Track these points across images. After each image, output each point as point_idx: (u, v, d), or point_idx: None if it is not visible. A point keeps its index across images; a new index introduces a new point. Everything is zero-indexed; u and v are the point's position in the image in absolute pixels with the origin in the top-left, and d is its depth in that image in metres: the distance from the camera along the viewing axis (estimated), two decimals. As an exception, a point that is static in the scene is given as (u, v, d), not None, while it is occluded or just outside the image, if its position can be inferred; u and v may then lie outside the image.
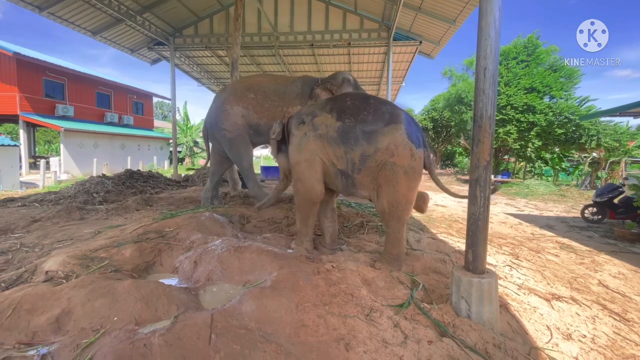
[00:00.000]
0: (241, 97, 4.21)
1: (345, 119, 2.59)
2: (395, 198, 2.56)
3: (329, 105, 2.78)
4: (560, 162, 13.90)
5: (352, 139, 2.54)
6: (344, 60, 10.84)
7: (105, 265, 2.44)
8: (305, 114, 2.89)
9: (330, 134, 2.63)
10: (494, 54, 1.94)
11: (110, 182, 6.81)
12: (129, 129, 18.66)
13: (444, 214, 6.60)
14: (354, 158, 2.56)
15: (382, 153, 2.49)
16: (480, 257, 2.06)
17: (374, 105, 2.63)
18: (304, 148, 2.76)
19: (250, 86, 4.29)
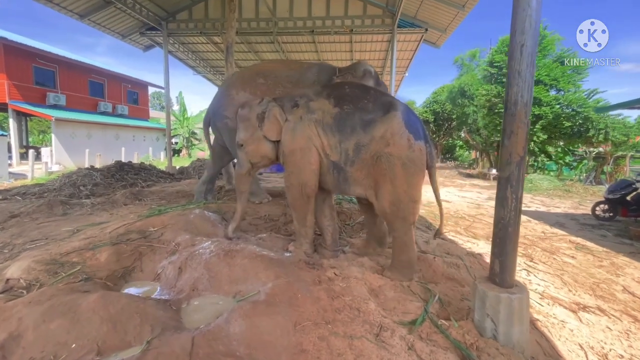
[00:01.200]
0: (249, 82, 3.84)
1: (344, 105, 2.41)
2: (396, 196, 2.31)
3: (326, 91, 2.57)
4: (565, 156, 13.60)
5: (348, 127, 2.37)
6: (345, 48, 10.41)
7: (76, 272, 2.14)
8: (298, 97, 2.61)
9: (326, 121, 2.41)
10: (534, 28, 1.61)
11: (99, 175, 6.46)
12: (124, 119, 18.20)
13: (448, 209, 6.33)
14: (347, 148, 2.37)
15: (377, 143, 2.29)
16: (509, 268, 1.76)
17: (374, 94, 2.50)
18: (298, 134, 2.46)
19: (260, 71, 3.93)
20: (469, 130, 16.75)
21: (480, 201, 7.70)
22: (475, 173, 15.71)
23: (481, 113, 13.95)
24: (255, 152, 2.68)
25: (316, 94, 2.58)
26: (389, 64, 10.71)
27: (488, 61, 13.29)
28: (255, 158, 2.71)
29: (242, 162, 2.76)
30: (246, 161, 2.74)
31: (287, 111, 2.57)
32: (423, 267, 2.72)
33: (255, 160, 2.74)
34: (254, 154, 2.69)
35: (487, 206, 7.00)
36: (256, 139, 2.64)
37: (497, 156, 14.94)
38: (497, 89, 12.19)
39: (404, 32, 8.50)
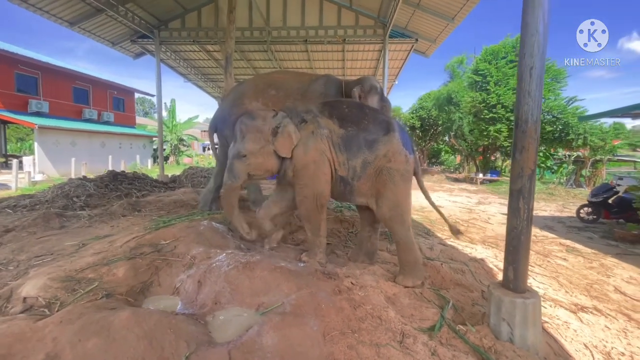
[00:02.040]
0: (262, 93, 3.87)
1: (348, 126, 2.61)
2: (395, 201, 2.58)
3: (326, 110, 2.70)
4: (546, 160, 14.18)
5: (355, 146, 2.58)
6: (337, 57, 10.59)
7: (95, 289, 2.12)
8: (303, 113, 2.67)
9: (334, 140, 2.60)
10: (542, 52, 1.75)
11: (92, 185, 6.31)
12: (110, 126, 17.77)
13: (442, 215, 6.51)
14: (355, 165, 2.58)
15: (380, 159, 2.57)
16: (522, 275, 1.88)
17: (371, 114, 2.73)
18: (312, 147, 2.55)
19: (272, 82, 3.97)
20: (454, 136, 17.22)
21: (471, 206, 7.93)
22: (462, 177, 16.13)
23: (467, 119, 14.40)
24: (260, 165, 2.63)
25: (320, 112, 2.67)
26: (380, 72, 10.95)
27: (473, 69, 13.77)
28: (257, 171, 2.66)
29: (238, 173, 2.61)
30: (244, 173, 2.62)
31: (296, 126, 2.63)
32: (432, 273, 2.83)
33: (257, 173, 2.68)
34: (258, 166, 2.63)
35: (479, 210, 7.23)
36: (265, 153, 2.60)
37: (481, 161, 15.41)
38: (481, 96, 12.64)
39: (395, 42, 8.73)
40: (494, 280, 2.86)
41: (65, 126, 14.31)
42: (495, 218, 6.40)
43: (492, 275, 3.10)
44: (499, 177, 13.45)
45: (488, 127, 12.52)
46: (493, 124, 12.43)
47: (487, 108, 12.47)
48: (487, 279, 2.91)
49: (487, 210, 7.37)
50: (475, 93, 13.09)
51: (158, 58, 9.17)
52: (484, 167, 15.06)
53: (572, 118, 11.36)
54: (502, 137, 12.24)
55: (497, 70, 12.54)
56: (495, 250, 4.11)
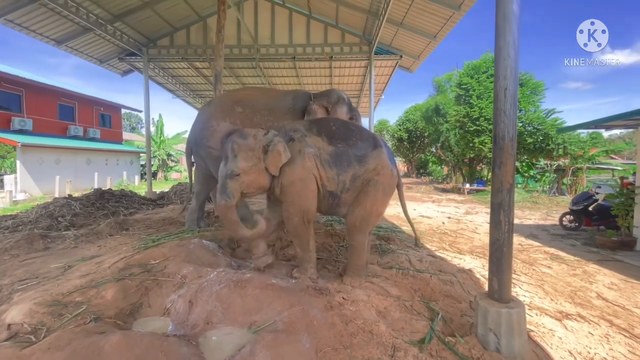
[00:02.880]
0: (228, 112, 3.87)
1: (337, 143, 2.69)
2: (369, 212, 2.71)
3: (314, 128, 2.79)
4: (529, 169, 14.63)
5: (344, 162, 2.66)
6: (325, 73, 10.85)
7: (83, 313, 2.09)
8: (291, 131, 2.74)
9: (324, 157, 2.67)
10: (514, 74, 1.88)
11: (78, 204, 6.19)
12: (96, 143, 17.49)
13: (431, 226, 6.61)
14: (345, 180, 2.66)
15: (370, 172, 2.68)
16: (506, 285, 1.95)
17: (358, 131, 2.84)
18: (299, 165, 2.61)
19: (238, 100, 3.96)
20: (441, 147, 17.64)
21: (458, 216, 8.08)
22: (449, 187, 16.43)
23: (453, 131, 14.80)
24: (253, 182, 2.66)
25: (307, 130, 2.75)
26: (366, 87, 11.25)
27: (457, 83, 14.27)
28: (250, 188, 2.69)
29: (232, 192, 2.60)
30: (238, 191, 2.64)
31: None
32: (421, 285, 2.88)
33: (250, 191, 2.71)
34: (251, 184, 2.66)
35: (466, 221, 7.37)
36: (257, 170, 2.64)
37: (468, 171, 15.77)
38: (465, 109, 13.08)
39: (380, 58, 9.02)
40: (481, 290, 2.93)
41: (49, 143, 14.03)
42: (482, 228, 6.53)
43: (479, 285, 3.17)
44: (485, 187, 13.76)
45: (473, 139, 12.89)
46: (477, 135, 12.82)
47: (471, 121, 12.88)
48: (475, 290, 2.97)
49: (475, 220, 7.52)
50: (460, 107, 13.53)
51: (146, 75, 9.21)
52: (471, 177, 15.40)
53: (552, 129, 11.83)
54: (487, 148, 12.62)
55: (479, 84, 13.03)
56: (482, 260, 4.19)
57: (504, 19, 1.86)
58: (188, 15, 9.01)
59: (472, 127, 12.81)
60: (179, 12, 8.71)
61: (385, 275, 3.03)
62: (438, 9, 6.61)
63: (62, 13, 7.04)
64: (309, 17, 9.02)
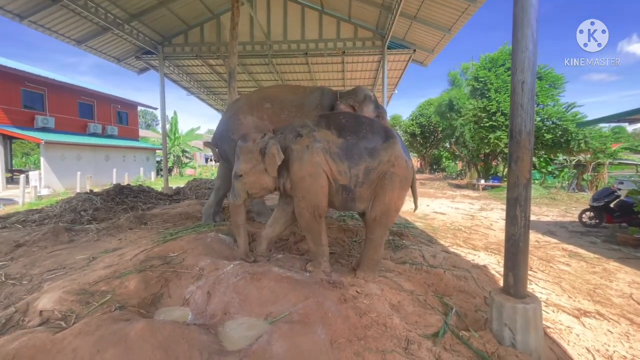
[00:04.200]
0: (256, 107, 3.97)
1: (347, 136, 2.68)
2: (388, 206, 2.70)
3: (323, 122, 2.79)
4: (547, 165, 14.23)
5: (355, 154, 2.64)
6: (337, 68, 10.81)
7: (108, 301, 2.20)
8: (299, 127, 2.79)
9: (333, 150, 2.66)
10: (532, 67, 1.85)
11: (99, 199, 6.42)
12: (114, 140, 18.03)
13: (445, 222, 6.55)
14: (357, 173, 2.64)
15: (384, 164, 2.65)
16: (522, 280, 1.94)
17: (368, 123, 2.82)
18: (307, 161, 2.64)
19: (266, 96, 4.07)
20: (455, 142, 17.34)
21: (473, 212, 7.97)
22: (464, 184, 16.16)
23: (468, 126, 14.52)
24: (255, 183, 2.80)
25: (316, 125, 2.77)
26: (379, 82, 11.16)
27: (473, 76, 13.95)
28: (254, 189, 2.83)
29: (238, 192, 2.82)
30: (243, 192, 2.83)
31: (291, 141, 2.73)
32: (435, 281, 2.88)
33: (254, 192, 2.85)
34: (254, 185, 2.81)
35: (481, 217, 7.26)
36: (258, 171, 2.76)
37: (483, 167, 15.47)
38: (482, 103, 12.78)
39: (393, 52, 8.92)
40: (496, 286, 2.91)
41: (70, 140, 14.55)
42: (497, 224, 6.43)
43: (494, 281, 3.14)
44: (500, 183, 13.48)
45: (488, 135, 12.61)
46: (493, 131, 12.53)
47: (488, 115, 12.59)
48: (490, 285, 2.95)
49: (490, 216, 7.41)
50: (477, 101, 13.24)
51: (162, 73, 9.40)
52: (486, 173, 15.10)
53: (571, 124, 11.45)
54: (502, 144, 12.33)
55: (497, 78, 12.70)
56: (497, 256, 4.15)
57: (522, 10, 1.83)
58: (202, 13, 9.13)
59: (488, 122, 12.52)
60: (193, 10, 8.84)
61: (398, 270, 3.05)
62: (453, 1, 6.48)
63: (82, 14, 7.25)
64: (322, 12, 8.98)
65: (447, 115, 16.66)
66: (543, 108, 12.13)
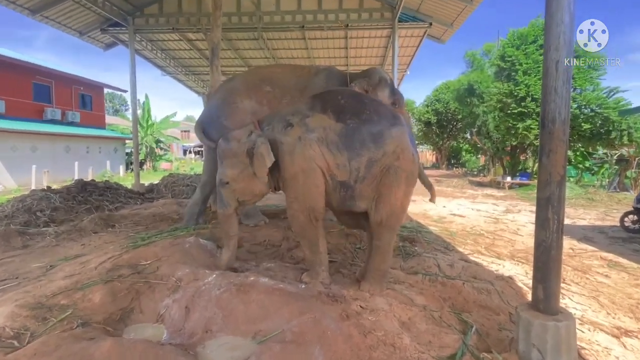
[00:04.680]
0: (255, 90, 3.97)
1: (347, 119, 2.62)
2: (394, 207, 2.69)
3: (319, 104, 2.75)
4: (584, 160, 14.28)
5: (357, 141, 2.58)
6: (339, 44, 10.78)
7: (69, 317, 2.20)
8: (289, 115, 2.77)
9: (331, 138, 2.61)
10: (568, 44, 1.85)
11: (58, 197, 6.41)
12: (75, 128, 17.97)
13: (464, 225, 6.58)
14: (359, 166, 2.60)
15: (389, 157, 2.60)
16: (553, 294, 1.95)
17: (372, 104, 2.80)
18: (299, 155, 2.62)
19: (265, 77, 4.07)
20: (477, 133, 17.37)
21: (497, 214, 8.00)
22: (487, 181, 16.21)
23: (492, 114, 14.53)
24: (245, 190, 2.81)
25: (310, 108, 2.74)
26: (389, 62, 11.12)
27: (499, 55, 13.92)
28: (245, 196, 2.86)
29: (227, 201, 2.83)
30: (233, 200, 2.83)
31: (280, 133, 2.71)
32: (452, 294, 2.90)
33: (246, 199, 2.88)
34: (244, 192, 2.83)
35: (506, 220, 7.30)
36: (247, 176, 2.75)
37: (509, 162, 15.51)
38: (509, 87, 12.77)
39: (405, 27, 8.91)
40: (523, 301, 2.93)
41: (23, 128, 14.48)
42: (525, 229, 6.46)
43: (521, 295, 3.16)
44: (529, 181, 13.53)
45: (516, 124, 12.62)
46: (522, 120, 12.53)
47: (516, 101, 12.58)
48: (516, 300, 2.97)
49: (517, 219, 7.44)
50: (502, 84, 13.23)
51: (132, 49, 9.36)
52: (513, 168, 15.14)
53: (614, 112, 11.46)
54: (532, 135, 12.34)
55: (527, 57, 12.67)
56: (525, 266, 4.17)
57: (557, -24, 1.83)
58: (179, -23, 9.09)
59: (516, 109, 12.52)
60: (169, -26, 8.78)
61: (409, 282, 3.07)
62: (476, -34, 6.47)
63: (36, -22, 7.20)
64: (321, -23, 8.96)
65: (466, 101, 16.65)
66: (580, 93, 12.14)
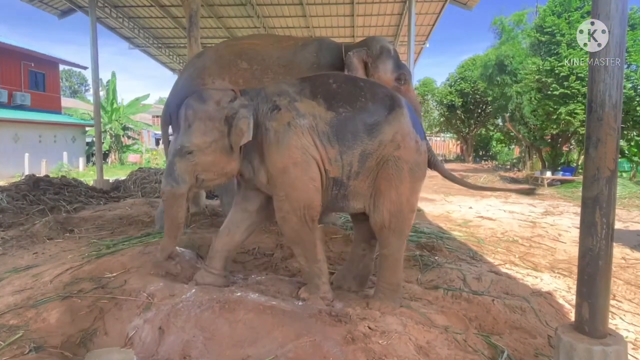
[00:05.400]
0: (228, 68, 3.96)
1: (339, 107, 2.66)
2: (398, 205, 2.69)
3: (307, 88, 2.75)
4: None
5: (349, 134, 2.63)
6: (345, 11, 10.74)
7: (20, 340, 2.22)
8: (275, 96, 2.74)
9: (321, 128, 2.63)
10: (621, 10, 1.85)
11: (5, 196, 6.49)
12: (25, 112, 17.99)
13: (494, 230, 6.59)
14: (351, 160, 2.65)
15: (386, 147, 2.65)
16: (601, 313, 1.96)
17: (369, 88, 2.82)
18: (290, 145, 2.60)
19: (242, 51, 4.06)
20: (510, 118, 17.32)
21: (534, 217, 8.02)
22: (522, 177, 16.22)
23: (528, 96, 14.49)
24: (212, 165, 2.69)
25: (298, 92, 2.73)
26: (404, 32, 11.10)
27: (536, 25, 13.87)
28: (209, 174, 2.73)
29: (181, 175, 2.67)
30: (190, 175, 2.69)
31: (266, 116, 2.69)
32: (479, 313, 2.91)
33: (208, 177, 2.74)
34: (209, 167, 2.70)
35: (545, 224, 7.31)
36: (218, 149, 2.66)
37: (549, 154, 15.49)
38: (550, 63, 12.72)
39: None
40: (565, 321, 2.95)
41: (-37, 113, 14.51)
42: (568, 235, 6.48)
43: (562, 314, 3.18)
44: (573, 177, 13.53)
45: (558, 108, 12.59)
46: (564, 103, 12.50)
47: (557, 81, 12.55)
48: (556, 320, 2.99)
49: (558, 223, 7.45)
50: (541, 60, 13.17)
51: (93, 17, 9.34)
52: (553, 162, 15.13)
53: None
54: (577, 121, 12.32)
55: (570, 27, 12.63)
56: (568, 279, 4.19)
57: None
58: None
59: (558, 89, 12.50)
60: None
61: (428, 298, 3.09)
62: None
63: None
64: None
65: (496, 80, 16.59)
66: (636, 70, 12.10)
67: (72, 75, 47.56)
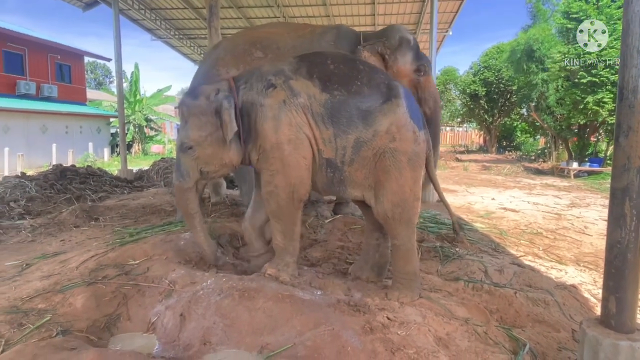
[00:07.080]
0: (243, 57, 3.98)
1: (334, 90, 2.66)
2: (401, 196, 2.70)
3: (304, 67, 2.75)
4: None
5: (344, 118, 2.63)
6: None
7: (48, 323, 2.30)
8: (271, 74, 2.75)
9: (315, 109, 2.64)
10: (658, -8, 1.75)
11: (34, 185, 6.68)
12: (53, 104, 18.49)
13: (517, 222, 6.47)
14: (345, 145, 2.66)
15: (381, 138, 2.64)
16: (629, 307, 1.90)
17: (366, 72, 2.80)
18: (284, 122, 2.63)
19: (257, 40, 4.07)
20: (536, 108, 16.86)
21: (560, 209, 7.83)
22: (547, 168, 15.86)
23: (554, 84, 14.10)
24: (211, 158, 2.76)
25: (294, 71, 2.73)
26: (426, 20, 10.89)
27: (563, 11, 13.44)
28: (210, 166, 2.81)
29: (187, 170, 2.78)
30: (194, 170, 2.78)
31: (260, 94, 2.71)
32: (501, 305, 2.87)
33: (211, 169, 2.82)
34: (209, 160, 2.77)
35: (571, 216, 7.13)
36: (215, 141, 2.71)
37: (576, 144, 15.07)
38: (576, 50, 12.36)
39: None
40: (590, 315, 2.88)
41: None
42: (595, 227, 6.31)
43: (588, 308, 3.11)
44: (601, 168, 13.16)
45: (585, 97, 12.24)
46: (592, 91, 12.14)
47: (584, 69, 12.17)
48: (581, 314, 2.93)
49: (584, 215, 7.26)
50: (567, 47, 12.78)
51: (116, 9, 9.46)
52: (580, 153, 14.75)
53: None
54: (606, 111, 11.97)
55: (598, 12, 12.22)
56: (594, 272, 4.09)
57: None
58: None
59: (585, 77, 12.12)
60: None
61: (448, 290, 3.06)
62: None
63: None
64: None
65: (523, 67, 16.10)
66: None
67: (97, 67, 48.41)
